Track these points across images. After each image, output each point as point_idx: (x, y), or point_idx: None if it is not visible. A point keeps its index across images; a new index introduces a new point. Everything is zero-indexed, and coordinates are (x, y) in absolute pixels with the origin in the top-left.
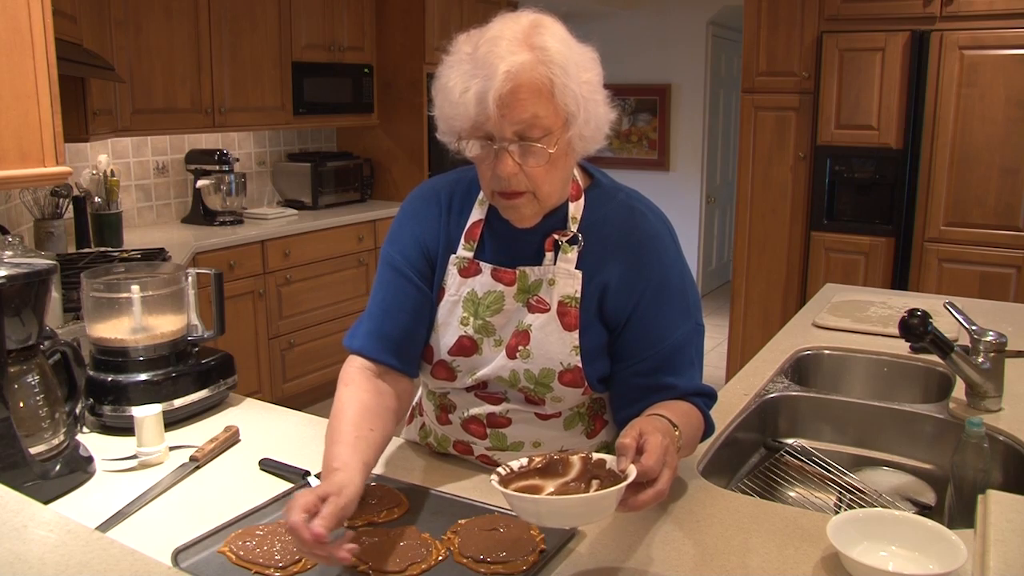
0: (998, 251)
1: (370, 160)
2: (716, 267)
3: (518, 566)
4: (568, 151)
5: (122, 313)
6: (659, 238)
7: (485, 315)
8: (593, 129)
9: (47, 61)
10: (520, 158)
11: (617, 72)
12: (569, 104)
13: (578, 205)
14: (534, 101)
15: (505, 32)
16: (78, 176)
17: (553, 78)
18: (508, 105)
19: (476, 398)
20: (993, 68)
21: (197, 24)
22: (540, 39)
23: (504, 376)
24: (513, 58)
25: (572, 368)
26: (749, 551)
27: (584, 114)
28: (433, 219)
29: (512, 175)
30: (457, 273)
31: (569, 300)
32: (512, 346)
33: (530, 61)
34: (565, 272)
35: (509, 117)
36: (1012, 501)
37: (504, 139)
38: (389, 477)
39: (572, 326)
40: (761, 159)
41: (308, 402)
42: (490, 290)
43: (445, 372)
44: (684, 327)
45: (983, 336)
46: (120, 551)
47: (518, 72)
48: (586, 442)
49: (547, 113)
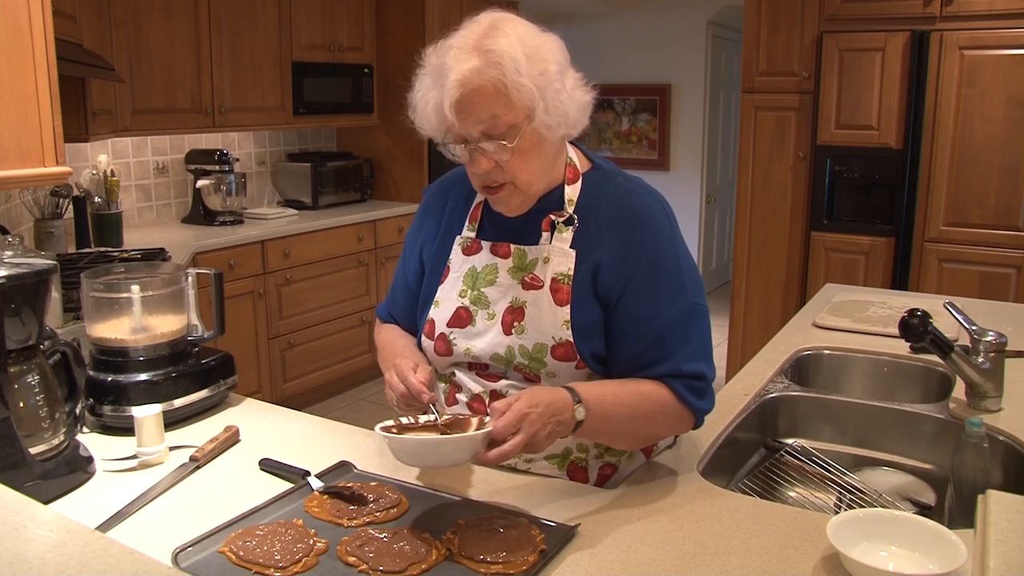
0: (998, 251)
1: (370, 160)
2: (716, 267)
3: (518, 566)
4: (538, 141)
5: (122, 313)
6: (654, 218)
7: (480, 286)
8: (558, 116)
9: (47, 61)
10: (493, 154)
11: (617, 72)
12: (525, 99)
13: (575, 188)
14: (490, 102)
15: (459, 40)
16: (78, 176)
17: (504, 78)
18: (465, 110)
19: (478, 377)
20: (993, 68)
21: (197, 24)
22: (491, 41)
23: (501, 353)
24: (461, 66)
25: (564, 343)
26: (749, 551)
27: (543, 104)
28: (438, 211)
29: (487, 171)
30: (460, 252)
31: (562, 277)
32: (507, 322)
33: (478, 66)
34: (560, 251)
35: (470, 120)
36: (1012, 501)
37: (474, 139)
38: (389, 477)
39: (563, 301)
40: (761, 159)
41: (308, 402)
42: (487, 263)
43: (444, 345)
44: (677, 307)
45: (983, 336)
46: (120, 551)
47: (468, 78)
48: None
49: (505, 111)
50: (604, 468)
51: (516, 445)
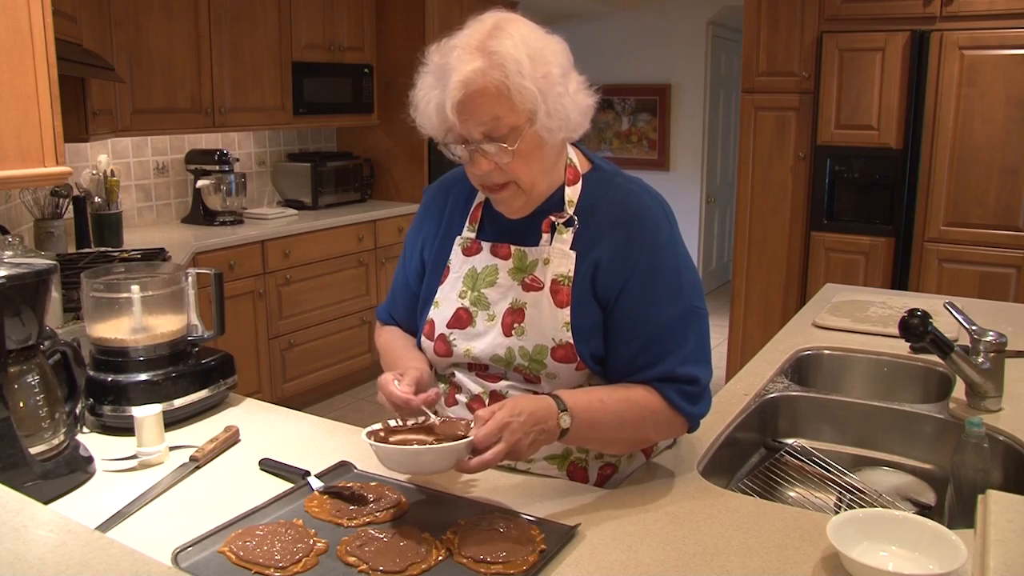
0: (998, 251)
1: (370, 160)
2: (716, 267)
3: (518, 566)
4: (539, 143)
5: (122, 313)
6: (653, 218)
7: (480, 287)
8: (560, 119)
9: (47, 61)
10: (494, 156)
11: (617, 72)
12: (527, 101)
13: (575, 189)
14: (491, 104)
15: (463, 40)
16: (78, 176)
17: (507, 80)
18: (467, 111)
19: (478, 377)
20: (993, 68)
21: (197, 24)
22: (495, 43)
23: (501, 355)
24: (464, 67)
25: (564, 344)
26: (749, 551)
27: (545, 107)
28: (438, 211)
29: (487, 172)
30: (461, 252)
31: (562, 278)
32: (508, 323)
33: (481, 68)
34: (560, 252)
35: (471, 121)
36: (1012, 501)
37: (474, 140)
38: (389, 477)
39: (563, 303)
40: (761, 159)
41: (308, 402)
42: (487, 264)
43: (443, 346)
44: (674, 309)
45: (983, 336)
46: (120, 551)
47: (470, 79)
48: None
49: (506, 113)
50: (604, 468)
51: (497, 454)
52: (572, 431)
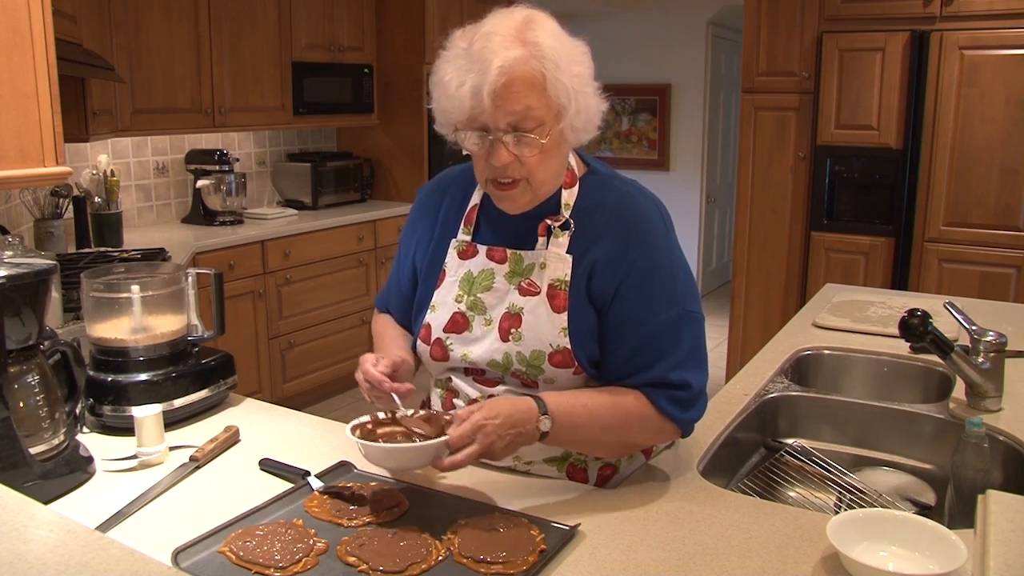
0: (998, 251)
1: (370, 160)
2: (716, 267)
3: (518, 566)
4: (560, 141)
5: (122, 313)
6: (650, 221)
7: (477, 292)
8: (584, 120)
9: (47, 61)
10: (515, 148)
11: (617, 72)
12: (560, 97)
13: (572, 192)
14: (527, 94)
15: (499, 28)
16: (78, 176)
17: (545, 72)
18: (502, 98)
19: (475, 382)
20: (993, 68)
21: (197, 24)
22: (533, 35)
23: (498, 360)
24: (507, 53)
25: (561, 350)
26: (749, 551)
27: (575, 105)
28: (433, 212)
29: (506, 164)
30: (456, 256)
31: (559, 283)
32: (504, 328)
33: (523, 56)
34: (556, 256)
35: (503, 109)
36: (1012, 501)
37: (499, 130)
38: (389, 477)
39: (561, 308)
40: (761, 159)
41: (308, 402)
42: (483, 268)
43: (440, 351)
44: (668, 312)
45: (983, 336)
46: (120, 551)
47: (511, 66)
48: None
49: (539, 105)
50: (604, 469)
51: (469, 455)
52: (552, 434)
